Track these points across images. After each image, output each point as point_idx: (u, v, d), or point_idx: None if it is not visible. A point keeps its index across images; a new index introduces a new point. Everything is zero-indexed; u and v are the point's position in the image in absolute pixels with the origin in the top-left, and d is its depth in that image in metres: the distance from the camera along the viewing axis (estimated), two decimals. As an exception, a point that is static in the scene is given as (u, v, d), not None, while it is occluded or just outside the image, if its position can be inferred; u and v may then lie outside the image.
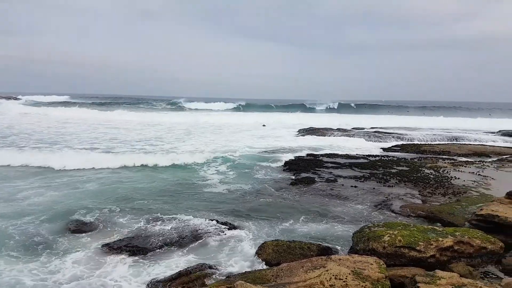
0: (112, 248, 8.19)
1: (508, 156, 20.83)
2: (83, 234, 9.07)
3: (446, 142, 27.34)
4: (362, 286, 4.92)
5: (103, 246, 8.34)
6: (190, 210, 10.80)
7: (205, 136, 29.45)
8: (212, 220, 9.83)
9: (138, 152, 19.93)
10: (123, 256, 7.93)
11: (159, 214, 10.30)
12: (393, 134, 30.60)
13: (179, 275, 6.95)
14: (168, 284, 6.76)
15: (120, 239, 8.68)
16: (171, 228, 9.37)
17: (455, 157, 20.49)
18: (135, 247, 8.23)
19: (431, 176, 14.93)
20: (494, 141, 28.10)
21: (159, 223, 9.71)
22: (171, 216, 10.18)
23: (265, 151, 21.37)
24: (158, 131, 32.22)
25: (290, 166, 17.02)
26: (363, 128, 35.91)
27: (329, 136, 29.40)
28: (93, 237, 8.91)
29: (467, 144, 25.74)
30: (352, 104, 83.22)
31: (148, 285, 6.83)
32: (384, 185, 13.65)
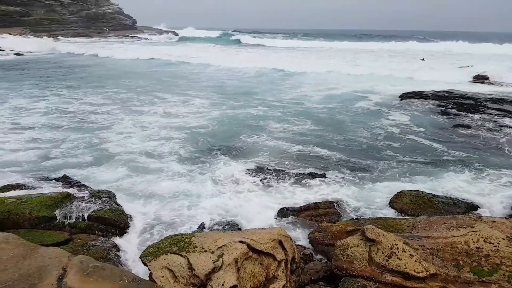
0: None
1: None
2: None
3: None
4: (519, 256, 4.09)
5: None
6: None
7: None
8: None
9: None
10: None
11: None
12: None
13: (308, 207, 6.94)
14: (297, 213, 6.81)
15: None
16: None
17: None
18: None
19: None
20: None
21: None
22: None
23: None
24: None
25: (445, 109, 15.44)
26: None
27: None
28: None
29: None
30: None
31: (279, 210, 6.98)
32: None
